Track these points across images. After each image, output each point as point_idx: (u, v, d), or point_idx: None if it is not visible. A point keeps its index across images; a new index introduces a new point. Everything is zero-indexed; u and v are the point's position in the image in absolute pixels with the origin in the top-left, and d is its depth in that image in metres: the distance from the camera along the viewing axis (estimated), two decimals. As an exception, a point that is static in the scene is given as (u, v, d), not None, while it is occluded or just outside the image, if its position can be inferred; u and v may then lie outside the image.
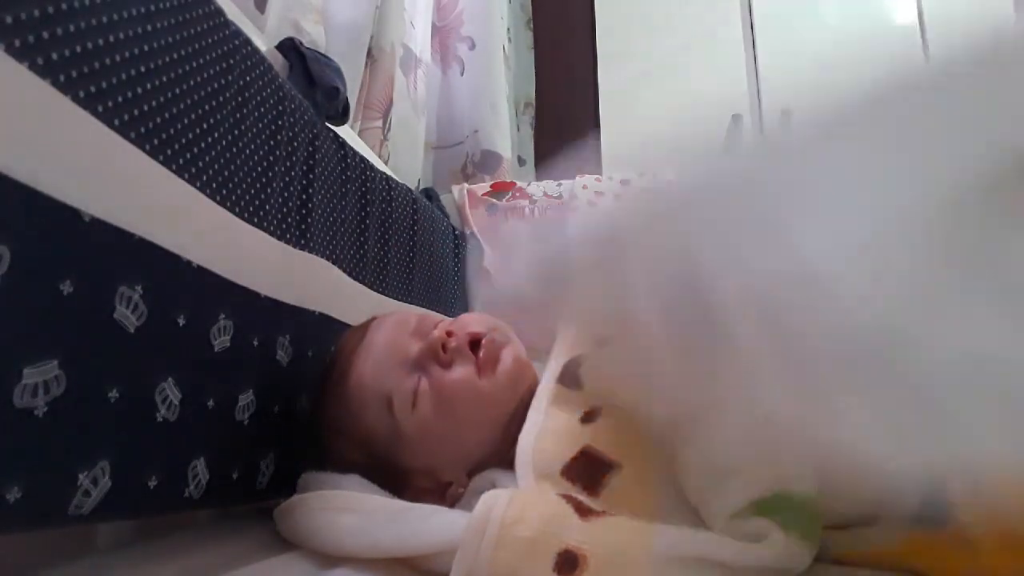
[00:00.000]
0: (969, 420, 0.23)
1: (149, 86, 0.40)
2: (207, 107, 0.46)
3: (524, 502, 0.35)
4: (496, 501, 0.35)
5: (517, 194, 1.31)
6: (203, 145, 0.45)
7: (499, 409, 0.49)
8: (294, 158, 0.59)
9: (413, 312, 0.68)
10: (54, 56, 0.33)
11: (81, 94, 0.34)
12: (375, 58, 1.03)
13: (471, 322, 0.54)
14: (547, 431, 0.44)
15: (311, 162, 0.63)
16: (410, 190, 0.92)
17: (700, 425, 0.37)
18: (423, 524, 0.39)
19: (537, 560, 0.33)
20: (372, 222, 0.79)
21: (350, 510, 0.42)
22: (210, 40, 0.46)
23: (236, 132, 0.49)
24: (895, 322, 0.24)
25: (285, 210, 0.57)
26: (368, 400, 0.50)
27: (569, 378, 0.47)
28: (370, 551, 0.39)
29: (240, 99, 0.50)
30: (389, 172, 0.90)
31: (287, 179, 0.58)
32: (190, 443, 0.43)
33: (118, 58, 0.37)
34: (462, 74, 1.51)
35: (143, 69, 0.39)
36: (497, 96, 1.53)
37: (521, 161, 1.93)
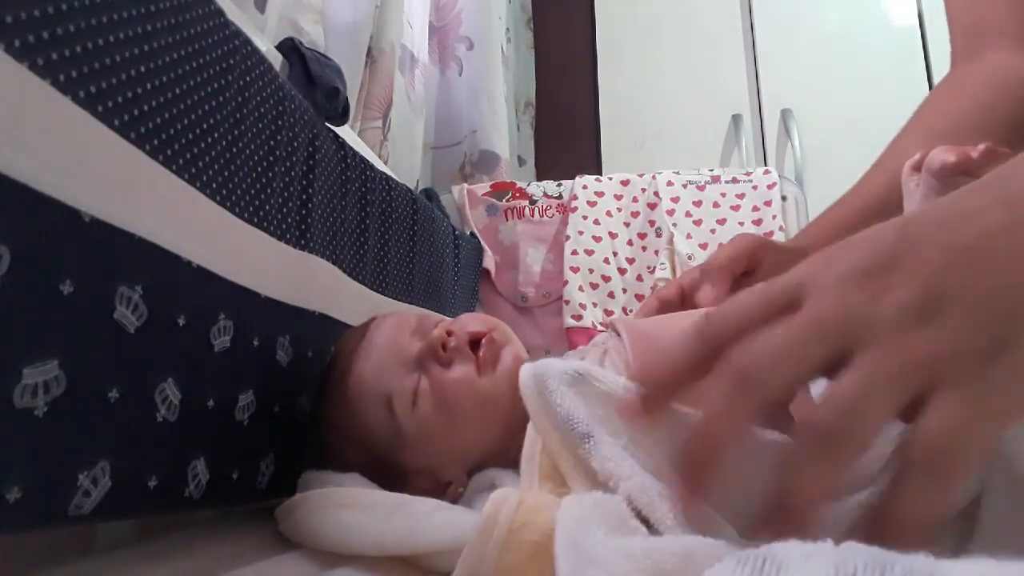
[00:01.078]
0: None
1: (149, 86, 0.40)
2: (207, 107, 0.46)
3: (533, 505, 0.35)
4: (505, 502, 0.35)
5: (517, 194, 1.32)
6: (203, 145, 0.45)
7: (499, 408, 0.49)
8: (294, 158, 0.59)
9: (413, 312, 0.69)
10: (54, 56, 0.33)
11: (81, 94, 0.34)
12: (375, 58, 1.03)
13: (471, 321, 0.54)
14: None
15: (311, 162, 0.63)
16: (410, 190, 0.92)
17: None
18: (428, 521, 0.39)
19: (543, 564, 0.33)
20: (372, 222, 0.79)
21: (352, 506, 0.42)
22: (210, 40, 0.46)
23: (236, 132, 0.49)
24: None
25: (285, 210, 0.57)
26: (368, 400, 0.50)
27: None
28: (373, 548, 0.39)
29: (240, 99, 0.50)
30: (389, 172, 0.90)
31: (287, 179, 0.58)
32: (190, 443, 0.43)
33: (118, 58, 0.37)
34: (460, 74, 1.51)
35: (143, 69, 0.39)
36: (495, 96, 1.53)
37: (521, 161, 1.94)
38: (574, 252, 1.24)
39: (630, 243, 1.27)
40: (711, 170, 1.30)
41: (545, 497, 0.36)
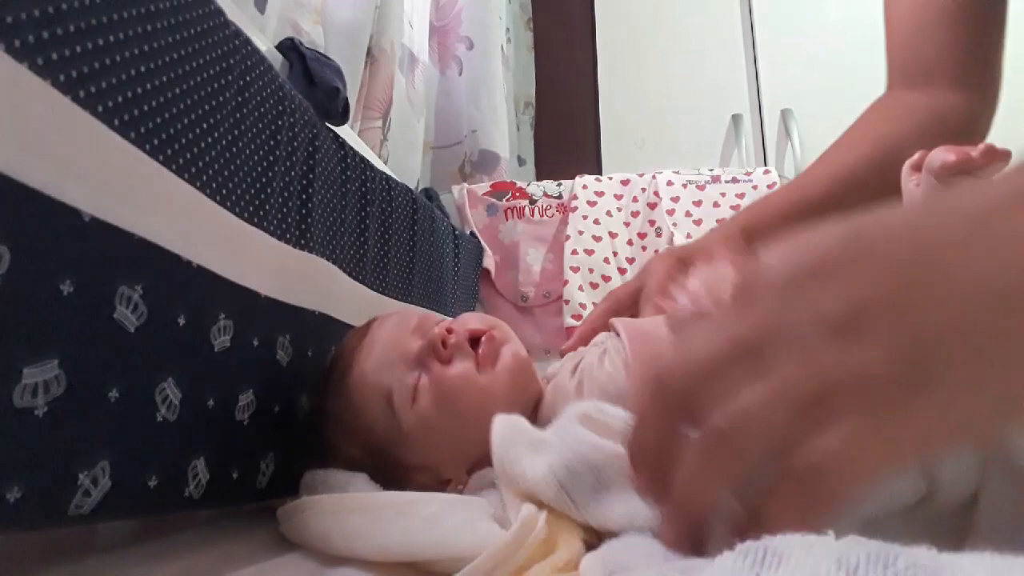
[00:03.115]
0: None
1: (149, 86, 0.40)
2: (207, 107, 0.46)
3: (558, 529, 0.36)
4: (536, 524, 0.35)
5: (517, 194, 1.32)
6: (203, 145, 0.45)
7: (498, 405, 0.49)
8: (294, 158, 0.59)
9: (414, 311, 0.69)
10: (54, 56, 0.33)
11: (81, 94, 0.34)
12: (375, 58, 1.03)
13: (471, 320, 0.54)
14: None
15: (311, 162, 0.63)
16: (410, 190, 0.92)
17: None
18: (439, 527, 0.39)
19: None
20: (372, 222, 0.79)
21: (360, 510, 0.42)
22: (210, 40, 0.46)
23: (236, 132, 0.49)
24: None
25: (285, 210, 0.57)
26: (369, 397, 0.50)
27: None
28: (380, 554, 0.39)
29: (240, 99, 0.50)
30: (389, 172, 0.90)
31: (287, 179, 0.58)
32: (190, 443, 0.43)
33: (118, 58, 0.37)
34: (460, 74, 1.51)
35: (143, 69, 0.39)
36: (495, 96, 1.53)
37: (521, 161, 1.94)
38: (574, 252, 1.24)
39: (630, 243, 1.27)
40: (711, 170, 1.30)
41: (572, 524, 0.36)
